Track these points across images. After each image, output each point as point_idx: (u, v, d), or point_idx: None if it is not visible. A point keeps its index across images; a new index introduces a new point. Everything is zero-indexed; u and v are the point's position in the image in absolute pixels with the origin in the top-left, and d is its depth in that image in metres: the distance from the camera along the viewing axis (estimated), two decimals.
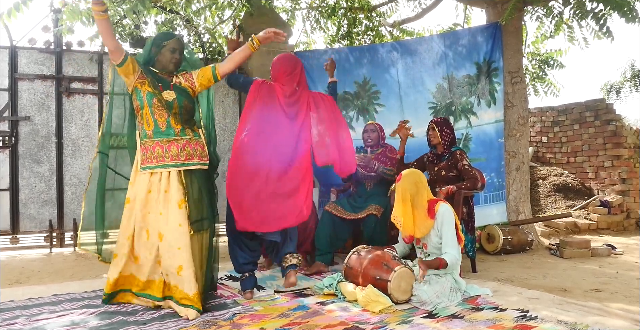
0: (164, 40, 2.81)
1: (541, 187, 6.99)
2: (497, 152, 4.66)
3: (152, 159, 2.73)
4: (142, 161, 2.75)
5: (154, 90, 2.72)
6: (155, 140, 2.73)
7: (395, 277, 2.72)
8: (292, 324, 2.42)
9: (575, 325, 2.27)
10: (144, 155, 2.75)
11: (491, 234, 4.45)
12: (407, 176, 3.00)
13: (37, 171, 4.61)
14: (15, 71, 4.57)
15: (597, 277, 3.54)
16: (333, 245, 3.74)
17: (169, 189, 2.70)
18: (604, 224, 6.08)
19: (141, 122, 2.78)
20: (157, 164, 2.72)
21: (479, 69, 4.63)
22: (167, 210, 2.67)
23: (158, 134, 2.74)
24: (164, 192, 2.69)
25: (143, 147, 2.76)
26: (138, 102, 2.76)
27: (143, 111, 2.75)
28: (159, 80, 2.79)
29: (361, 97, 4.96)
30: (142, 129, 2.77)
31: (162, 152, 2.72)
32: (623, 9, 3.94)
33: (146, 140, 2.75)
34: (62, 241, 4.65)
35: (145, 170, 2.74)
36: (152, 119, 2.74)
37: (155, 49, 2.82)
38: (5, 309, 2.72)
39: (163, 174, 2.71)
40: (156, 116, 2.73)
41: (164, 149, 2.72)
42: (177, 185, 2.70)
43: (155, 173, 2.72)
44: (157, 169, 2.72)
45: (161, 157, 2.72)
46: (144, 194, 2.71)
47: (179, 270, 2.62)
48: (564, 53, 6.09)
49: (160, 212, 2.68)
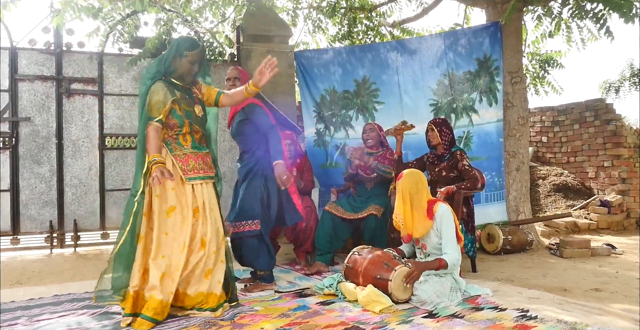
0: (188, 50, 2.65)
1: (541, 187, 6.99)
2: (498, 151, 4.67)
3: (198, 170, 2.69)
4: (187, 171, 2.65)
5: (189, 108, 2.68)
6: (197, 152, 2.72)
7: (396, 276, 2.73)
8: (292, 324, 2.43)
9: (575, 324, 2.28)
10: (186, 166, 2.66)
11: (491, 234, 4.45)
12: (407, 176, 3.01)
13: (37, 172, 4.61)
14: (15, 72, 4.57)
15: (597, 277, 3.54)
16: (333, 245, 3.75)
17: (209, 198, 2.71)
18: (604, 223, 6.08)
19: (174, 137, 2.68)
20: (204, 175, 2.71)
21: (480, 65, 4.64)
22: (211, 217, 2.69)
23: (195, 147, 2.72)
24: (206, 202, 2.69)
25: (183, 157, 2.67)
26: (176, 120, 2.65)
27: (182, 129, 2.67)
28: (186, 93, 2.73)
29: (361, 96, 4.96)
30: (177, 144, 2.69)
31: (203, 164, 2.72)
32: (622, 9, 3.95)
33: (187, 151, 2.69)
34: (63, 242, 4.65)
35: (192, 181, 2.65)
36: (190, 136, 2.71)
37: (177, 57, 2.67)
38: (6, 310, 2.73)
39: (202, 185, 2.70)
40: (194, 133, 2.72)
41: (197, 162, 2.70)
42: (213, 194, 2.76)
43: (198, 184, 2.68)
44: (198, 180, 2.68)
45: (202, 169, 2.71)
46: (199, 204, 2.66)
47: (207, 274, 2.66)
48: (563, 55, 6.09)
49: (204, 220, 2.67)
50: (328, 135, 5.06)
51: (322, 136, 5.07)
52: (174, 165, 2.64)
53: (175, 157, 2.65)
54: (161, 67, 2.70)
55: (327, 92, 5.04)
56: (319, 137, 5.07)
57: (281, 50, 5.38)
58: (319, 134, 5.07)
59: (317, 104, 5.08)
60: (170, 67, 2.69)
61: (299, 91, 5.45)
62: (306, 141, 5.09)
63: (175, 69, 2.69)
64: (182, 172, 2.63)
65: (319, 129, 5.08)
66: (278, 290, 3.16)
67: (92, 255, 4.51)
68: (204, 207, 2.66)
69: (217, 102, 2.86)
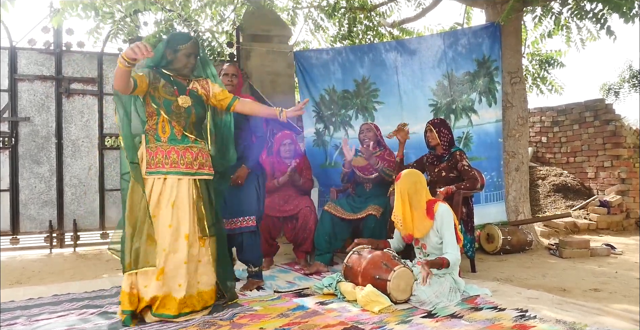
0: (180, 44, 2.62)
1: (541, 187, 6.99)
2: (497, 151, 4.67)
3: (164, 163, 2.58)
4: (150, 165, 2.57)
5: (170, 96, 2.62)
6: (171, 146, 2.62)
7: (394, 276, 2.73)
8: (291, 324, 2.43)
9: (574, 324, 2.28)
10: (152, 159, 2.58)
11: (490, 234, 4.45)
12: (406, 176, 3.01)
13: (37, 172, 4.61)
14: (15, 72, 4.58)
15: (597, 277, 3.54)
16: (332, 245, 3.75)
17: (179, 195, 2.59)
18: (603, 224, 6.08)
19: (154, 128, 2.62)
20: (170, 169, 2.59)
21: (480, 66, 4.64)
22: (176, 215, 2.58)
23: (174, 141, 2.62)
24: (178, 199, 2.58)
25: (153, 150, 2.59)
26: (154, 107, 2.61)
27: (159, 118, 2.61)
28: (174, 83, 2.67)
29: (360, 96, 4.96)
30: (155, 135, 2.62)
31: (177, 158, 2.61)
32: (622, 9, 3.95)
33: (159, 144, 2.61)
34: (62, 242, 4.65)
35: (154, 175, 2.57)
36: (169, 127, 2.62)
37: (171, 53, 2.65)
38: (6, 309, 2.73)
39: (174, 180, 2.59)
40: (173, 123, 2.62)
41: (179, 155, 2.61)
42: (186, 191, 2.61)
43: (168, 178, 2.58)
44: (171, 174, 2.58)
45: (175, 163, 2.60)
46: (156, 197, 2.56)
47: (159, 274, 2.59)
48: (563, 54, 6.09)
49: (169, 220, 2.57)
50: (327, 135, 5.06)
51: (322, 136, 5.07)
52: (143, 157, 2.60)
53: (147, 149, 2.61)
54: (154, 62, 2.66)
55: (327, 92, 5.04)
56: (319, 136, 5.07)
57: (280, 50, 5.39)
58: (318, 134, 5.08)
59: (317, 103, 5.08)
60: (162, 61, 2.67)
61: (299, 91, 5.45)
62: (305, 141, 5.09)
63: (171, 61, 2.67)
64: (146, 165, 2.58)
65: (318, 129, 5.08)
66: (277, 290, 3.16)
67: (92, 255, 4.51)
68: (157, 203, 2.55)
69: (230, 107, 2.78)
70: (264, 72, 5.38)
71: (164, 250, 2.51)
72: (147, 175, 2.58)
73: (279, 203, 3.93)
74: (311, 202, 3.95)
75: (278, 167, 4.10)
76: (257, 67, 5.30)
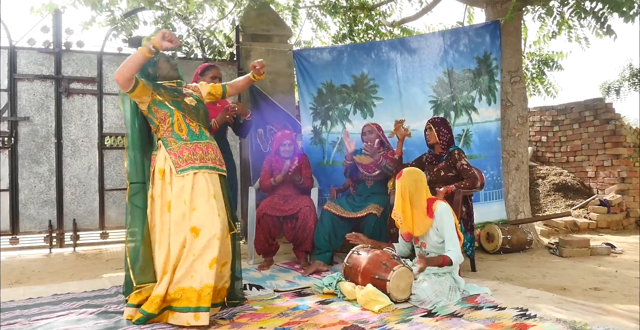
0: (151, 67, 2.79)
1: (541, 186, 6.99)
2: (497, 150, 4.67)
3: (193, 160, 2.62)
4: (179, 164, 2.59)
5: (175, 98, 2.70)
6: (194, 143, 2.67)
7: (394, 276, 2.72)
8: (291, 323, 2.43)
9: (574, 323, 2.27)
10: (179, 158, 2.61)
11: (491, 233, 4.45)
12: (407, 174, 3.01)
13: (36, 171, 4.61)
14: (14, 71, 4.57)
15: (597, 276, 3.54)
16: (332, 244, 3.74)
17: (216, 189, 2.65)
18: (603, 223, 6.08)
19: (170, 130, 2.67)
20: (201, 164, 2.63)
21: (480, 64, 4.64)
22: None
23: (194, 137, 2.69)
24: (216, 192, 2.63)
25: (177, 151, 2.63)
26: (165, 111, 2.66)
27: (173, 118, 2.66)
28: (172, 90, 2.77)
29: (359, 90, 4.96)
30: (174, 135, 2.66)
31: (203, 154, 2.66)
32: (622, 9, 3.95)
33: (182, 143, 2.65)
34: (62, 241, 4.65)
35: (187, 172, 2.59)
36: (185, 124, 2.68)
37: (152, 68, 2.79)
38: (5, 309, 2.73)
39: (206, 174, 2.63)
40: (188, 120, 2.69)
41: (204, 151, 2.68)
42: (219, 185, 2.69)
43: (200, 173, 2.62)
44: (202, 169, 2.63)
45: (203, 159, 2.65)
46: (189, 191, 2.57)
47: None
48: (565, 56, 6.06)
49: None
50: (325, 132, 5.05)
51: (319, 134, 5.06)
52: (166, 160, 2.63)
53: (169, 151, 2.64)
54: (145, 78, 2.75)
55: (324, 86, 5.03)
56: (316, 134, 5.07)
57: (280, 49, 5.39)
58: (315, 132, 5.07)
59: (314, 98, 5.06)
60: (149, 78, 2.77)
61: (297, 88, 5.45)
62: (303, 139, 5.08)
63: (156, 73, 2.81)
64: (174, 165, 2.60)
65: (315, 127, 5.07)
66: (277, 289, 3.16)
67: (92, 255, 4.51)
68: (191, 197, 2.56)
69: (225, 93, 2.99)
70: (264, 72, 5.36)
71: (218, 239, 2.50)
72: (179, 173, 2.59)
73: (279, 202, 3.93)
74: (311, 202, 3.94)
75: (277, 166, 4.11)
76: None
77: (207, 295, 2.42)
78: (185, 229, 2.52)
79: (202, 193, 2.58)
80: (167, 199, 2.59)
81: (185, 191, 2.56)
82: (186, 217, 2.53)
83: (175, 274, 2.49)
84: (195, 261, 2.47)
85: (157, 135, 2.72)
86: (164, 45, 2.50)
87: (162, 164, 2.63)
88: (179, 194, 2.57)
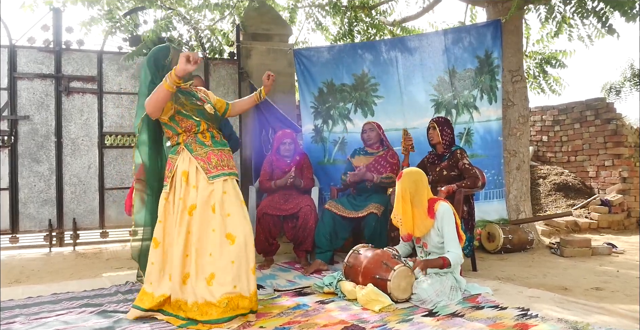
0: (164, 58, 2.70)
1: (542, 186, 6.98)
2: (498, 149, 4.66)
3: (222, 166, 2.65)
4: (209, 170, 2.60)
5: (198, 106, 2.68)
6: (219, 149, 2.70)
7: (394, 276, 2.71)
8: (291, 323, 2.42)
9: (576, 323, 2.26)
10: (208, 163, 2.62)
11: (492, 233, 4.44)
12: (407, 175, 2.99)
13: (36, 170, 4.60)
14: (14, 70, 4.56)
15: (598, 276, 3.53)
16: (333, 244, 3.73)
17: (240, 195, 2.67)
18: (604, 223, 6.07)
19: (193, 137, 2.67)
20: (229, 171, 2.67)
21: (481, 63, 4.63)
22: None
23: (217, 144, 2.72)
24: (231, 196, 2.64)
25: (204, 156, 2.63)
26: (192, 122, 2.65)
27: (200, 127, 2.67)
28: (189, 95, 2.72)
29: (359, 89, 4.95)
30: (197, 141, 2.66)
31: (227, 161, 2.71)
32: (624, 8, 3.94)
33: (208, 149, 2.66)
34: (62, 240, 4.64)
35: (219, 178, 2.61)
36: (209, 132, 2.71)
37: (162, 70, 2.68)
38: (5, 308, 2.72)
39: (234, 181, 2.68)
40: (211, 129, 2.72)
41: (227, 158, 2.72)
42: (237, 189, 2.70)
43: (230, 180, 2.66)
44: (231, 176, 2.67)
45: (227, 166, 2.68)
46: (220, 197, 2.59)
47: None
48: (568, 55, 6.03)
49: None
50: (326, 131, 5.05)
51: (320, 132, 5.06)
52: (191, 163, 2.62)
53: (196, 157, 2.63)
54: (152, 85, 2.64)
55: (325, 85, 5.02)
56: (317, 133, 5.06)
57: (281, 48, 5.38)
58: (317, 130, 5.06)
59: (315, 98, 5.05)
60: (165, 68, 2.68)
61: (298, 88, 5.44)
62: (304, 138, 5.07)
63: (170, 66, 2.67)
64: (204, 171, 2.60)
65: (316, 125, 5.06)
66: (277, 288, 3.15)
67: (91, 254, 4.50)
68: (222, 204, 2.59)
69: (226, 113, 2.93)
70: (265, 71, 5.33)
71: (253, 246, 2.58)
72: (212, 179, 2.59)
73: (279, 202, 3.92)
74: (311, 201, 3.93)
75: (277, 165, 4.10)
76: (258, 66, 5.28)
77: (255, 300, 2.52)
78: (212, 235, 2.53)
79: (234, 199, 2.61)
80: (190, 202, 2.58)
81: (214, 197, 2.57)
82: (216, 223, 2.54)
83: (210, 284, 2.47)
84: (238, 268, 2.49)
85: (176, 139, 2.69)
86: (188, 69, 2.37)
87: (187, 167, 2.62)
88: (207, 199, 2.57)
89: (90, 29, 4.74)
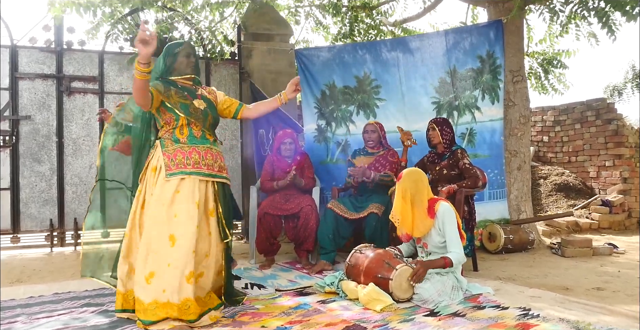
0: (177, 48, 2.71)
1: (542, 186, 6.98)
2: (499, 150, 4.66)
3: (185, 164, 2.57)
4: (170, 167, 2.54)
5: (184, 100, 2.65)
6: (192, 146, 2.62)
7: (396, 275, 2.71)
8: (293, 322, 2.42)
9: (577, 323, 2.26)
10: (171, 161, 2.56)
11: (493, 233, 4.44)
12: (408, 174, 2.99)
13: (37, 170, 4.61)
14: (15, 70, 4.57)
15: (599, 276, 3.53)
16: (336, 244, 3.73)
17: (203, 197, 2.58)
18: (605, 223, 6.07)
19: (170, 132, 2.63)
20: (193, 170, 2.57)
21: (483, 63, 4.63)
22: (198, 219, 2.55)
23: (194, 141, 2.64)
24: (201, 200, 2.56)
25: (171, 153, 2.58)
26: (171, 114, 2.61)
27: (177, 122, 2.61)
28: (183, 89, 2.71)
29: (361, 92, 4.95)
30: (173, 137, 2.62)
31: (199, 159, 2.61)
32: (624, 8, 3.93)
33: (179, 146, 2.60)
34: (63, 240, 4.65)
35: (176, 176, 2.53)
36: (188, 128, 2.64)
37: (171, 59, 2.70)
38: (6, 308, 2.72)
39: (195, 181, 2.57)
40: (192, 125, 2.64)
41: (200, 156, 2.61)
42: (211, 194, 2.64)
43: (189, 179, 2.56)
44: (193, 175, 2.56)
45: (197, 164, 2.59)
46: (171, 195, 2.51)
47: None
48: (572, 54, 6.02)
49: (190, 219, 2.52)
50: (330, 132, 5.04)
51: (324, 132, 5.05)
52: (159, 160, 2.59)
53: (164, 153, 2.60)
54: (159, 73, 2.70)
55: (327, 87, 5.02)
56: (320, 133, 5.05)
57: (282, 48, 5.38)
58: (320, 130, 5.05)
59: (318, 100, 5.06)
60: (165, 70, 2.71)
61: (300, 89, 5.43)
62: (306, 137, 5.07)
63: (173, 66, 2.72)
64: (165, 168, 2.55)
65: (320, 125, 5.06)
66: (279, 288, 3.15)
67: None
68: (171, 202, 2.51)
69: (237, 114, 2.89)
70: (266, 71, 5.37)
71: (193, 252, 2.47)
72: (168, 177, 2.54)
73: (280, 201, 3.92)
74: (312, 201, 3.93)
75: (278, 165, 4.10)
76: (259, 66, 5.29)
77: (189, 308, 2.38)
78: (157, 233, 2.47)
79: (185, 200, 2.51)
80: (146, 197, 2.57)
81: (165, 196, 2.50)
82: (163, 222, 2.47)
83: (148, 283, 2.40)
84: (173, 272, 2.40)
85: (159, 133, 2.71)
86: (147, 51, 2.28)
87: (156, 163, 2.61)
88: (159, 197, 2.51)
89: (95, 34, 4.75)
